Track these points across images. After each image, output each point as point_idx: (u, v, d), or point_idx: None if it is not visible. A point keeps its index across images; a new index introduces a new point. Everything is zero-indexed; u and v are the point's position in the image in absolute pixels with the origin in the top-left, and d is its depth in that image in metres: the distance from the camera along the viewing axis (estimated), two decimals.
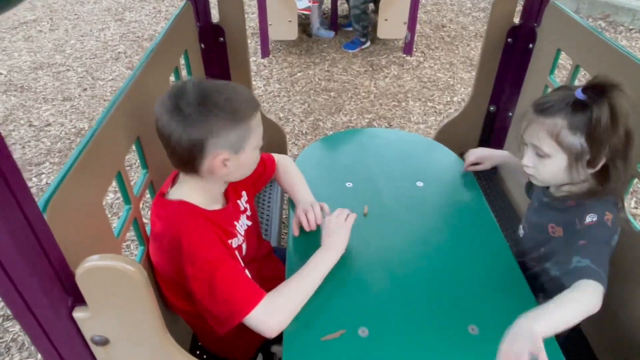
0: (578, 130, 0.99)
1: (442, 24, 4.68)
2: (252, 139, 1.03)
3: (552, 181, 1.11)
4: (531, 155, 1.08)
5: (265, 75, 3.77)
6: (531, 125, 1.05)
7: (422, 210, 1.34)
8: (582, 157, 1.01)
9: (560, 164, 1.03)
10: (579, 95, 0.98)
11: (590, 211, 1.03)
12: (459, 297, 1.08)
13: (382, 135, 1.69)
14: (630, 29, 4.49)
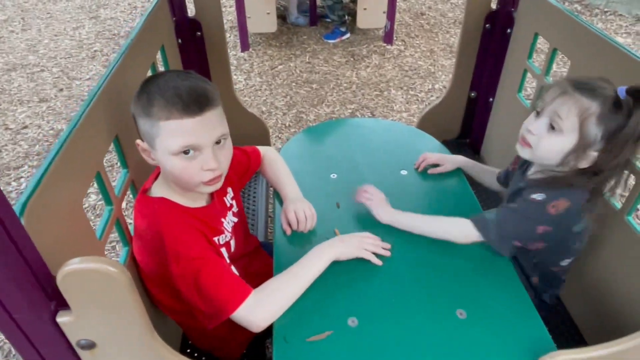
0: (604, 124, 0.98)
1: (421, 12, 4.68)
2: (161, 140, 0.94)
3: (544, 157, 1.08)
4: (542, 124, 1.04)
5: (246, 69, 3.73)
6: (563, 97, 1.01)
7: (408, 198, 1.34)
8: (587, 149, 1.01)
9: (565, 145, 1.02)
10: (622, 94, 0.97)
11: (543, 191, 1.05)
12: (446, 283, 1.09)
13: (365, 125, 1.69)
14: (605, 11, 4.55)
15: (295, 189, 1.30)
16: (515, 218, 1.07)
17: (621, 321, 1.26)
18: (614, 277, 1.29)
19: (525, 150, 1.10)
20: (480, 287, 1.08)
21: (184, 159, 0.95)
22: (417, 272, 1.12)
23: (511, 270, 1.12)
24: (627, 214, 1.23)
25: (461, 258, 1.15)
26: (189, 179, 0.98)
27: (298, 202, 1.24)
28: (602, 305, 1.32)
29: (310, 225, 1.22)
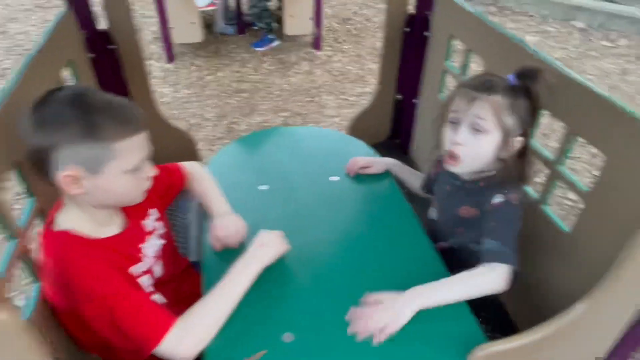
0: (514, 111, 1.06)
1: (348, 17, 4.76)
2: (117, 162, 0.91)
3: (474, 163, 1.12)
4: (466, 132, 1.08)
5: (173, 81, 3.60)
6: (475, 102, 1.05)
7: (339, 205, 1.34)
8: (511, 137, 1.07)
9: (493, 143, 1.07)
10: (512, 80, 1.06)
11: (497, 192, 1.10)
12: (379, 288, 1.09)
13: (295, 133, 1.68)
14: (515, 12, 4.87)
15: (223, 203, 1.26)
16: (504, 231, 1.05)
17: (551, 311, 1.32)
18: (538, 268, 1.35)
19: (456, 166, 1.12)
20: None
21: (132, 175, 0.95)
22: (350, 281, 1.11)
23: (442, 271, 1.14)
24: (543, 203, 1.30)
25: (394, 264, 1.16)
26: (134, 192, 1.00)
27: (226, 217, 1.20)
28: (533, 298, 1.38)
29: (240, 239, 1.17)
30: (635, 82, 3.64)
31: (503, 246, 1.02)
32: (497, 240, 1.04)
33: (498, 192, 1.10)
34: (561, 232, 1.23)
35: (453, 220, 1.25)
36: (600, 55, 4.07)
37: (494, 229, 1.06)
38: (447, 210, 1.28)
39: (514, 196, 1.09)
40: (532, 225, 1.33)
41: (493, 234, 1.05)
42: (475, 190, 1.16)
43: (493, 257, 1.02)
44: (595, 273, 1.08)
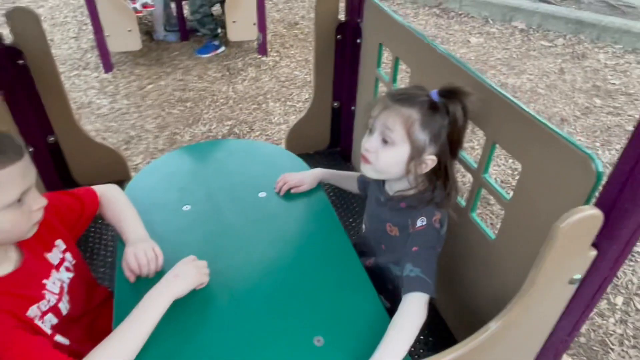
0: (428, 127, 1.03)
1: (295, 22, 4.73)
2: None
3: (385, 171, 1.11)
4: (376, 139, 1.07)
5: (111, 91, 3.45)
6: (386, 111, 1.05)
7: (265, 222, 1.29)
8: (422, 154, 1.05)
9: (401, 155, 1.05)
10: (434, 96, 1.04)
11: (421, 215, 1.08)
12: (305, 309, 1.05)
13: (222, 147, 1.61)
14: (459, 14, 4.97)
15: (138, 229, 1.18)
16: (428, 255, 1.05)
17: (479, 315, 1.32)
18: (467, 271, 1.35)
19: (367, 167, 1.11)
20: (340, 312, 1.05)
21: (16, 208, 0.88)
22: (274, 301, 1.07)
23: (371, 292, 1.11)
24: (470, 211, 1.30)
25: (320, 281, 1.12)
26: (23, 226, 0.92)
27: (139, 244, 1.12)
28: (465, 304, 1.38)
29: (155, 268, 1.10)
30: (572, 80, 3.79)
31: (423, 274, 1.01)
32: (418, 267, 1.02)
33: (420, 215, 1.08)
34: (487, 239, 1.23)
35: (379, 235, 1.22)
36: (539, 54, 4.21)
37: (416, 255, 1.05)
38: (374, 223, 1.26)
39: (436, 218, 1.08)
40: (461, 232, 1.33)
41: (415, 260, 1.04)
42: (397, 210, 1.14)
43: (414, 286, 1.00)
44: (518, 280, 1.09)
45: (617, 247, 0.84)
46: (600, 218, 0.80)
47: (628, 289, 2.08)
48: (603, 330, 1.90)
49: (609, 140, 3.07)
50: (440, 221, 1.09)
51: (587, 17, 4.49)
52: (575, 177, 0.91)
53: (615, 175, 0.80)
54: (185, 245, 1.20)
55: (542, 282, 0.86)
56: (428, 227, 1.07)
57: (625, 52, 4.26)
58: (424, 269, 1.02)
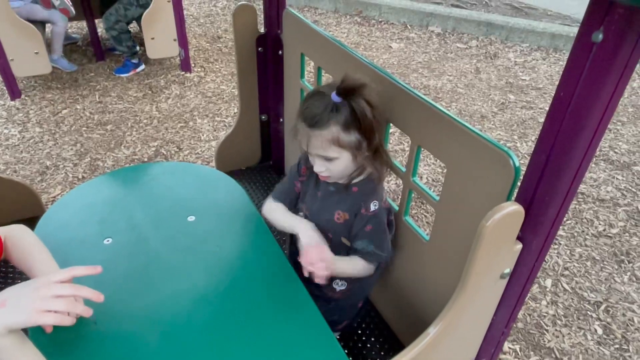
0: (350, 128, 1.09)
1: (218, 35, 4.64)
2: None
3: (345, 174, 1.19)
4: (320, 162, 1.15)
5: (21, 119, 3.18)
6: (312, 139, 1.11)
7: (196, 248, 1.22)
8: (362, 147, 1.13)
9: (347, 160, 1.14)
10: (335, 99, 1.08)
11: (373, 199, 1.19)
12: (247, 341, 1.00)
13: (146, 172, 1.52)
14: (379, 21, 5.13)
15: (47, 267, 1.06)
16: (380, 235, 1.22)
17: (422, 316, 1.33)
18: (406, 274, 1.36)
19: (329, 181, 1.22)
20: (282, 338, 1.01)
21: None
22: (207, 336, 1.00)
23: (313, 310, 1.07)
24: (404, 214, 1.31)
25: (256, 309, 1.07)
26: None
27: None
28: (407, 306, 1.38)
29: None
30: (487, 79, 4.02)
31: (378, 249, 1.21)
32: (372, 244, 1.20)
33: (373, 199, 1.19)
34: (422, 241, 1.25)
35: (325, 226, 1.25)
36: (456, 56, 4.44)
37: (371, 232, 1.20)
38: (319, 216, 1.26)
39: (384, 199, 1.23)
40: (397, 236, 1.34)
41: (370, 237, 1.20)
42: (348, 195, 1.22)
43: (371, 260, 1.22)
44: (453, 279, 1.10)
45: (540, 238, 0.87)
46: (522, 213, 0.83)
47: (555, 271, 2.21)
48: (537, 314, 2.00)
49: (525, 133, 3.28)
50: (387, 204, 1.25)
51: (495, 19, 4.80)
52: (495, 174, 0.94)
53: (531, 169, 0.83)
54: (106, 283, 1.10)
55: (474, 281, 0.87)
56: (380, 209, 1.20)
57: (531, 50, 4.60)
58: (377, 245, 1.21)
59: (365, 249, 1.21)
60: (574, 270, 2.22)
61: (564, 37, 4.54)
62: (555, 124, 0.76)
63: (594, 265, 2.25)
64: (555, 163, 0.78)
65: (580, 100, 0.71)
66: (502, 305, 0.99)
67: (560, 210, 0.83)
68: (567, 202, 0.83)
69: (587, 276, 2.19)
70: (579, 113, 0.72)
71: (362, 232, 1.20)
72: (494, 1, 5.46)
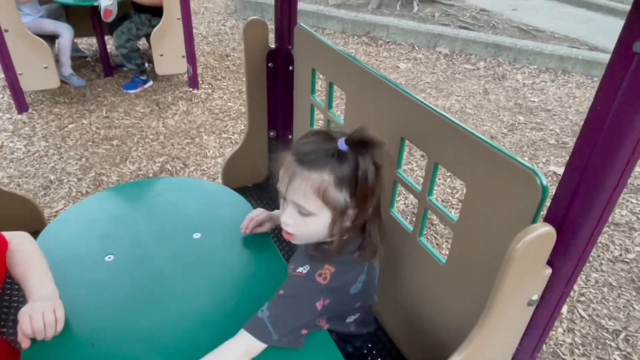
0: (344, 185, 0.91)
1: (226, 54, 4.66)
2: None
3: (310, 239, 1.00)
4: (292, 212, 0.95)
5: (27, 133, 3.16)
6: (295, 180, 0.91)
7: (202, 267, 1.16)
8: (346, 214, 0.94)
9: (324, 222, 0.94)
10: (342, 147, 0.91)
11: (307, 263, 0.98)
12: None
13: (151, 188, 1.47)
14: (387, 42, 5.16)
15: (43, 285, 1.01)
16: (288, 304, 0.95)
17: (436, 341, 1.26)
18: (421, 298, 1.29)
19: (293, 241, 1.00)
20: (289, 354, 0.95)
21: None
22: None
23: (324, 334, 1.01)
24: (418, 235, 1.25)
25: None
26: None
27: (39, 303, 0.95)
28: (422, 332, 1.31)
29: (51, 333, 0.94)
30: (496, 100, 3.99)
31: (269, 321, 0.92)
32: (268, 310, 0.93)
33: (306, 263, 0.97)
34: (438, 264, 1.19)
35: None
36: (464, 77, 4.43)
37: (277, 298, 0.95)
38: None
39: (322, 272, 0.96)
40: (411, 259, 1.28)
41: (273, 301, 0.95)
42: (303, 255, 1.02)
43: (251, 327, 0.93)
44: (473, 304, 1.03)
45: (571, 262, 0.81)
46: (554, 235, 0.77)
47: (571, 297, 2.13)
48: (554, 342, 1.92)
49: (536, 154, 3.23)
50: (328, 276, 0.95)
51: (503, 41, 4.81)
52: (520, 193, 0.89)
53: (563, 188, 0.78)
54: (106, 302, 1.05)
55: (500, 308, 0.81)
56: (306, 277, 0.96)
57: (540, 71, 4.59)
58: (274, 316, 0.92)
59: (256, 315, 0.94)
60: (590, 296, 2.14)
61: (573, 60, 4.53)
62: (590, 139, 0.71)
63: (611, 292, 2.17)
64: (590, 181, 0.73)
65: (619, 114, 0.66)
66: (527, 334, 0.93)
67: (594, 232, 0.78)
68: (602, 223, 0.77)
69: (605, 303, 2.11)
70: (618, 127, 0.67)
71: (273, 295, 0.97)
72: (501, 23, 5.48)
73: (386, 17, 5.43)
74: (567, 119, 3.75)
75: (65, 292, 1.02)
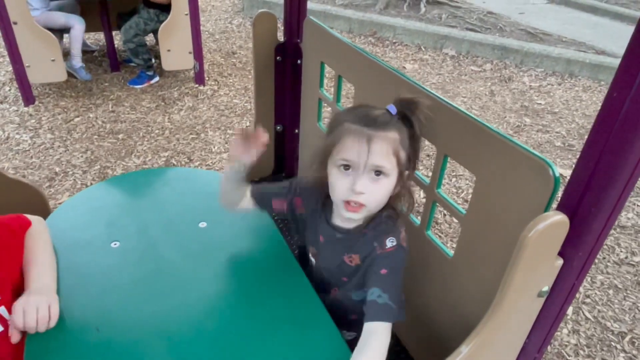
0: (405, 144, 0.95)
1: (233, 51, 4.66)
2: None
3: (376, 208, 0.99)
4: (368, 179, 0.92)
5: (33, 125, 3.17)
6: (375, 142, 0.90)
7: (207, 255, 1.16)
8: (405, 172, 0.97)
9: (392, 183, 0.95)
10: (392, 110, 0.95)
11: (389, 235, 1.00)
12: (258, 354, 0.93)
13: (158, 177, 1.47)
14: (393, 42, 5.15)
15: (43, 277, 1.00)
16: (396, 280, 0.98)
17: (441, 335, 1.25)
18: (427, 292, 1.28)
19: (359, 213, 0.97)
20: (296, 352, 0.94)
21: None
22: (217, 348, 0.94)
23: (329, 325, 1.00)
24: (426, 229, 1.24)
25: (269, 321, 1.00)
26: None
27: (34, 297, 0.94)
28: (427, 327, 1.30)
29: (44, 329, 0.92)
30: (502, 102, 3.98)
31: (390, 300, 0.94)
32: (385, 292, 0.94)
33: (388, 235, 1.00)
34: (446, 257, 1.18)
35: (337, 269, 1.09)
36: (470, 79, 4.41)
37: (385, 278, 0.97)
38: (327, 259, 1.12)
39: (403, 236, 1.02)
40: (417, 253, 1.27)
41: (384, 284, 0.96)
42: (359, 239, 1.03)
43: (381, 315, 0.93)
44: (480, 298, 1.02)
45: (583, 253, 0.80)
46: (567, 224, 0.76)
47: (576, 298, 2.11)
48: (558, 342, 1.90)
49: None
50: (406, 238, 1.02)
51: (510, 43, 4.79)
52: (532, 185, 0.88)
53: (576, 177, 0.77)
54: (112, 288, 1.05)
55: (511, 298, 0.80)
56: (398, 247, 0.99)
57: (546, 75, 4.57)
58: (392, 294, 0.94)
59: (376, 302, 0.94)
60: (595, 298, 2.13)
61: (580, 63, 4.51)
62: (606, 127, 0.70)
63: (616, 294, 2.15)
64: (605, 170, 0.72)
65: (638, 98, 0.65)
66: (536, 328, 0.92)
67: (608, 222, 0.77)
68: (615, 213, 0.76)
69: (610, 305, 2.09)
70: (636, 113, 0.66)
71: (375, 277, 0.97)
72: (508, 26, 5.47)
73: (393, 18, 5.42)
74: (573, 121, 3.73)
75: (70, 277, 1.02)
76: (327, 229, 1.07)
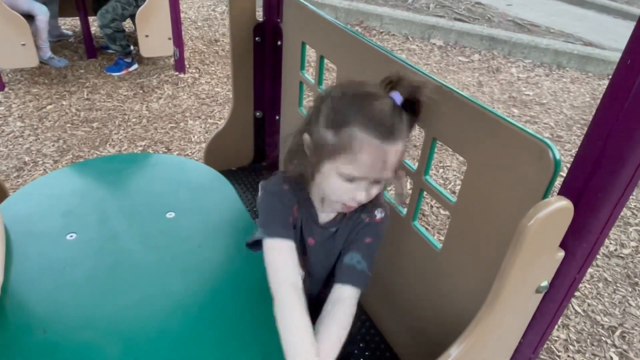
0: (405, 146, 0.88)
1: (215, 39, 4.52)
2: None
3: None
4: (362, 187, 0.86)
5: (1, 113, 3.01)
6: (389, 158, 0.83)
7: (173, 248, 1.05)
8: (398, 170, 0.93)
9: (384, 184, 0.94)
10: (398, 98, 0.84)
11: (377, 207, 0.98)
12: (223, 353, 0.83)
13: (124, 163, 1.36)
14: (380, 32, 5.05)
15: None
16: (376, 247, 0.97)
17: (430, 334, 1.17)
18: (414, 287, 1.20)
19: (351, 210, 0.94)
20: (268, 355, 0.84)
21: None
22: (181, 351, 0.84)
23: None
24: (412, 219, 1.16)
25: (239, 321, 0.91)
26: None
27: None
28: (414, 325, 1.22)
29: None
30: (490, 92, 3.91)
31: (368, 269, 0.93)
32: (365, 260, 0.94)
33: (379, 206, 0.98)
34: (434, 249, 1.09)
35: (330, 267, 1.01)
36: (458, 69, 4.34)
37: (368, 247, 0.96)
38: (322, 264, 1.03)
39: (388, 206, 1.01)
40: (403, 245, 1.19)
41: (365, 251, 0.95)
42: (350, 224, 0.98)
43: (357, 281, 0.91)
44: (471, 293, 0.94)
45: (587, 245, 0.71)
46: (571, 210, 0.68)
47: None
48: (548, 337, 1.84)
49: None
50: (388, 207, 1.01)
51: (498, 34, 4.73)
52: (529, 169, 0.79)
53: (580, 160, 0.69)
54: (64, 284, 0.94)
55: (507, 295, 0.71)
56: (385, 217, 0.98)
57: (534, 65, 4.52)
58: (369, 263, 0.94)
59: (355, 267, 0.92)
60: (585, 291, 2.07)
61: (568, 54, 4.47)
62: (616, 102, 0.61)
63: (606, 287, 2.10)
64: (614, 151, 0.63)
65: None
66: (532, 326, 0.84)
67: (614, 210, 0.68)
68: (623, 200, 0.68)
69: (600, 298, 2.04)
70: None
71: (359, 244, 0.95)
72: (496, 17, 5.41)
73: (380, 7, 5.32)
74: (561, 112, 3.69)
75: (19, 272, 0.91)
76: (317, 229, 0.99)
